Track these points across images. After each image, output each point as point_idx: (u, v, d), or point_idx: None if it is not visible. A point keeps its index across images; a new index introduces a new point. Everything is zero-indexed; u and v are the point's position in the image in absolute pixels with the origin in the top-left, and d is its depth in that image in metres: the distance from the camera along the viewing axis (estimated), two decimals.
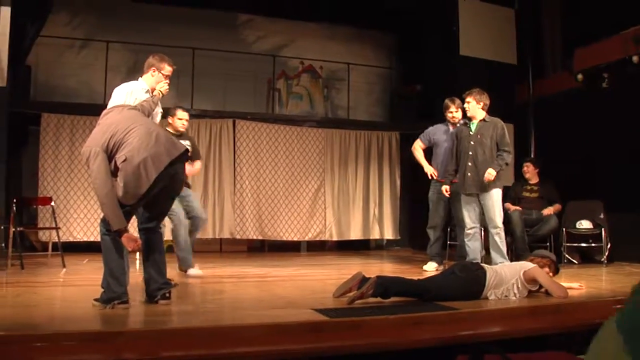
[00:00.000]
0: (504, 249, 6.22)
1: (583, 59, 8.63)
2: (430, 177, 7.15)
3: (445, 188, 6.74)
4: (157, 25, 10.37)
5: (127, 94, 4.65)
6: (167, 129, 6.12)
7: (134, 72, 9.23)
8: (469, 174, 6.32)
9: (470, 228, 6.40)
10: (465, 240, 6.48)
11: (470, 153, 6.35)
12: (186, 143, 6.06)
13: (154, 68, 4.83)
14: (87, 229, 9.20)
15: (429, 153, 7.42)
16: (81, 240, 9.13)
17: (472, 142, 6.36)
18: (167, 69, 4.86)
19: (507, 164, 6.38)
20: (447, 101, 7.14)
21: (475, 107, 6.39)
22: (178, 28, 10.43)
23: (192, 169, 6.37)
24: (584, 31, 8.68)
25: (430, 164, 7.23)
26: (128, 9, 10.48)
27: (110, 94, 4.84)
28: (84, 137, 8.82)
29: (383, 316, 3.63)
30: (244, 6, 11.11)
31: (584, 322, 3.93)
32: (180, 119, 6.36)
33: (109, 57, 9.86)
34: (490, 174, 6.13)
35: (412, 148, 7.47)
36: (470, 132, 6.40)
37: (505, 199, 7.11)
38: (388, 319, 3.60)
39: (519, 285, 4.45)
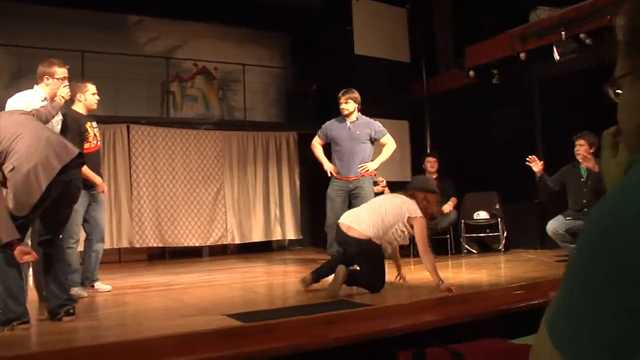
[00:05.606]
0: None
1: (474, 56, 9.02)
2: (329, 175, 6.95)
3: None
4: (43, 27, 9.79)
5: (23, 105, 4.41)
6: (76, 109, 5.48)
7: (19, 77, 8.74)
8: None
9: None
10: None
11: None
12: (94, 124, 5.79)
13: (46, 76, 4.63)
14: None
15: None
16: None
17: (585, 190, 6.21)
18: (60, 72, 4.66)
19: None
20: (339, 93, 6.93)
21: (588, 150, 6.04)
22: (65, 30, 9.89)
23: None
24: (474, 29, 9.07)
25: (330, 161, 7.03)
26: (9, 10, 9.87)
27: None
28: None
29: (296, 317, 3.63)
30: (133, 7, 10.73)
31: (489, 310, 4.08)
32: (94, 94, 5.59)
33: None
34: None
35: (312, 145, 7.26)
36: (582, 179, 6.28)
37: None
38: (301, 319, 3.61)
39: (402, 229, 4.76)
